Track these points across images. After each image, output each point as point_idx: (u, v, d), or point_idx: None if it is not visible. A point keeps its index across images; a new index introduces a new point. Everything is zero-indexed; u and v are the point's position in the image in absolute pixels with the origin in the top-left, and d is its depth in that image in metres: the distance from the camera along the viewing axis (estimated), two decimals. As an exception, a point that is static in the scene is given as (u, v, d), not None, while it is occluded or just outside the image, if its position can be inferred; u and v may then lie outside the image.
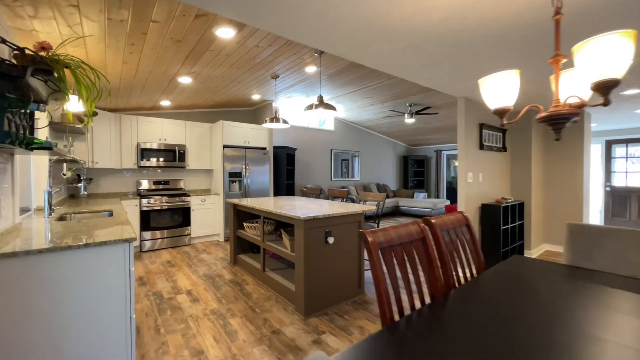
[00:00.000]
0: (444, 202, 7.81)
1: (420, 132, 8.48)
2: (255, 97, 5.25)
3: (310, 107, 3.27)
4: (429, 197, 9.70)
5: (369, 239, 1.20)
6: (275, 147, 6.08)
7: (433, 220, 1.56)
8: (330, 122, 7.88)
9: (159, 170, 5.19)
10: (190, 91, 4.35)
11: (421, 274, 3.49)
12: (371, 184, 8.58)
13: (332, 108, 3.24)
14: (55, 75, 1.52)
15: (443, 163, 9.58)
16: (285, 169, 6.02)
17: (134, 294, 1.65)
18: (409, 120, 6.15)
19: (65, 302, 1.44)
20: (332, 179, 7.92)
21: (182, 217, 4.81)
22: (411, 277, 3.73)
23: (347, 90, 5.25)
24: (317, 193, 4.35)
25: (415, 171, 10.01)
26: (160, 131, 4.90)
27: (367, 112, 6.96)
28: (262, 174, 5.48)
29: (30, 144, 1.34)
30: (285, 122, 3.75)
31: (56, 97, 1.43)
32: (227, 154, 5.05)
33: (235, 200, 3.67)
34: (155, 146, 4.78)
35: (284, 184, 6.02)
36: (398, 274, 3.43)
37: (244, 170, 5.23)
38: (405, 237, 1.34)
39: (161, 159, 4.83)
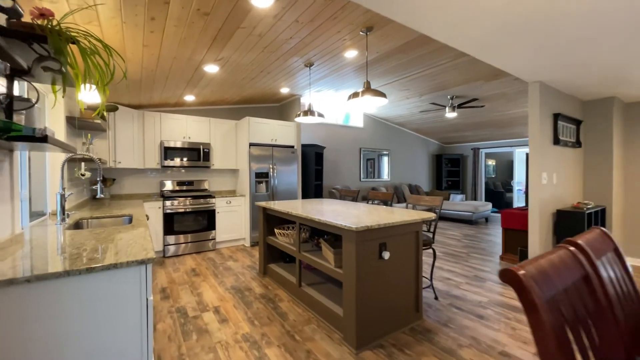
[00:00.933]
0: (486, 205, 7.09)
1: (456, 129, 7.80)
2: (284, 90, 4.85)
3: (355, 95, 2.81)
4: (466, 199, 8.95)
5: (525, 282, 0.71)
6: (303, 146, 5.66)
7: (580, 242, 1.05)
8: (359, 118, 7.38)
9: (183, 170, 4.91)
10: (216, 83, 4.01)
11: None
12: (403, 184, 7.99)
13: (382, 95, 2.76)
14: (53, 49, 1.14)
15: (481, 162, 8.80)
16: (313, 168, 5.59)
17: (152, 331, 1.25)
18: (451, 115, 5.54)
19: (61, 345, 1.06)
20: (362, 180, 7.41)
21: (206, 220, 4.49)
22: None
23: (385, 81, 4.73)
24: (354, 195, 3.88)
25: (449, 171, 9.29)
26: (184, 129, 4.61)
27: (400, 106, 6.39)
28: (290, 174, 5.08)
29: (7, 132, 0.96)
30: (320, 115, 3.31)
31: (47, 65, 1.06)
32: (254, 153, 4.69)
33: (265, 204, 3.26)
34: (179, 145, 4.50)
35: (313, 185, 5.59)
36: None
37: (271, 170, 4.85)
38: (565, 274, 0.84)
39: (185, 159, 4.54)
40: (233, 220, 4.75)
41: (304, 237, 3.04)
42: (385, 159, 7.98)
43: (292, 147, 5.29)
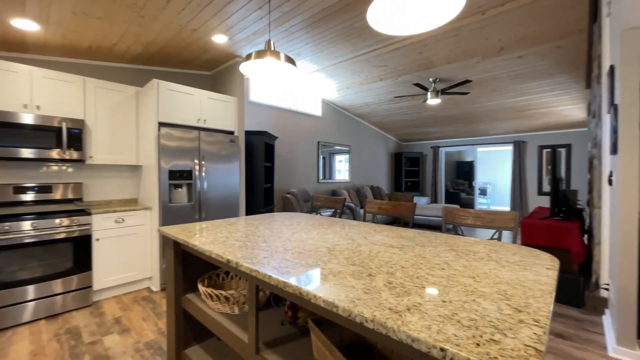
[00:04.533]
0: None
1: (423, 123, 7.00)
2: (219, 39, 3.14)
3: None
4: (428, 201, 8.30)
5: None
6: (248, 133, 4.00)
7: None
8: (317, 104, 5.98)
9: (28, 168, 2.81)
10: None
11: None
12: (364, 186, 6.87)
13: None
14: None
15: (441, 161, 8.26)
16: (262, 165, 3.98)
17: None
18: (433, 101, 4.54)
19: None
20: (320, 181, 6.03)
21: (73, 254, 2.53)
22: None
23: (357, 51, 3.41)
24: (340, 207, 2.43)
25: (409, 171, 8.56)
26: (26, 91, 2.55)
27: (370, 91, 5.20)
28: (228, 174, 3.38)
29: None
30: (290, 61, 1.78)
31: None
32: (167, 141, 2.88)
33: (180, 231, 1.59)
34: (17, 119, 2.44)
35: (261, 189, 3.97)
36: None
37: (196, 167, 3.10)
38: None
39: (30, 145, 2.50)
40: (128, 251, 2.86)
41: (262, 300, 1.48)
42: (345, 157, 6.76)
43: (232, 133, 3.60)
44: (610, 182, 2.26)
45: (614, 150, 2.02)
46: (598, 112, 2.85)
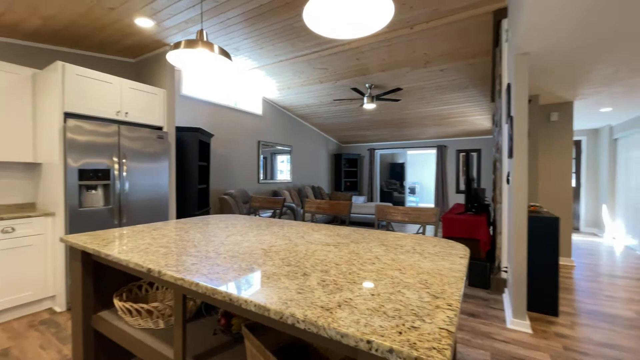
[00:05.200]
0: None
1: (360, 126, 7.37)
2: (142, 23, 2.82)
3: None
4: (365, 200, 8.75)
5: None
6: (179, 129, 3.67)
7: None
8: (258, 103, 5.83)
9: None
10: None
11: None
12: (306, 186, 6.95)
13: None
14: None
15: (376, 163, 8.82)
16: (197, 165, 3.70)
17: None
18: (369, 106, 4.82)
19: None
20: (261, 181, 5.88)
21: (-63, 275, 1.98)
22: None
23: (292, 54, 3.43)
24: (279, 208, 2.38)
25: (348, 171, 8.94)
26: None
27: (311, 92, 5.28)
28: (155, 174, 3.06)
29: None
30: (225, 54, 1.68)
31: None
32: (76, 134, 2.47)
33: (88, 240, 1.36)
34: None
35: (195, 190, 3.69)
36: None
37: (115, 166, 2.72)
38: None
39: None
40: (21, 267, 2.36)
41: (192, 310, 1.37)
42: (287, 157, 6.73)
43: (160, 128, 3.26)
44: (508, 181, 2.69)
45: (511, 154, 2.41)
46: (499, 122, 3.37)
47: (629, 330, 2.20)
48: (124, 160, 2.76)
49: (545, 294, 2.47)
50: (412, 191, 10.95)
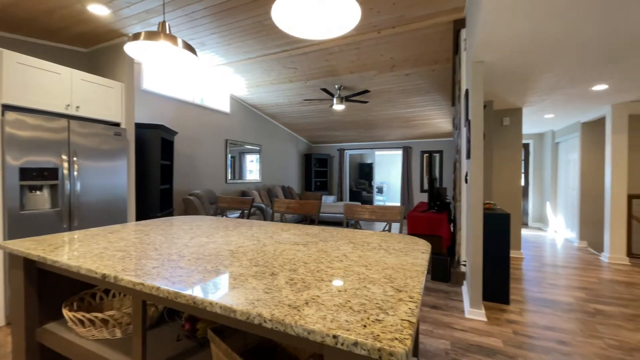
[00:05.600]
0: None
1: (330, 127, 7.45)
2: (95, 9, 2.62)
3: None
4: (335, 200, 8.86)
5: None
6: (140, 126, 3.45)
7: None
8: (226, 101, 5.66)
9: None
10: None
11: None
12: (276, 186, 6.88)
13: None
14: None
15: (346, 163, 8.98)
16: (159, 164, 3.51)
17: None
18: (339, 107, 4.89)
19: None
20: (229, 181, 5.72)
21: None
22: None
23: (261, 52, 3.40)
24: (247, 208, 2.33)
25: (318, 171, 8.99)
26: None
27: (280, 91, 5.24)
28: (112, 173, 2.85)
29: None
30: (190, 49, 1.61)
31: None
32: (17, 129, 2.22)
33: (32, 247, 1.24)
34: None
35: (157, 191, 3.50)
36: None
37: (65, 164, 2.50)
38: None
39: None
40: (-50, 277, 2.07)
41: (153, 317, 1.30)
42: (257, 157, 6.61)
43: (118, 124, 3.05)
44: (466, 180, 2.88)
45: (468, 155, 2.58)
46: (459, 126, 3.59)
47: (568, 314, 2.47)
48: (74, 159, 2.54)
49: (498, 284, 2.68)
50: (380, 190, 11.29)
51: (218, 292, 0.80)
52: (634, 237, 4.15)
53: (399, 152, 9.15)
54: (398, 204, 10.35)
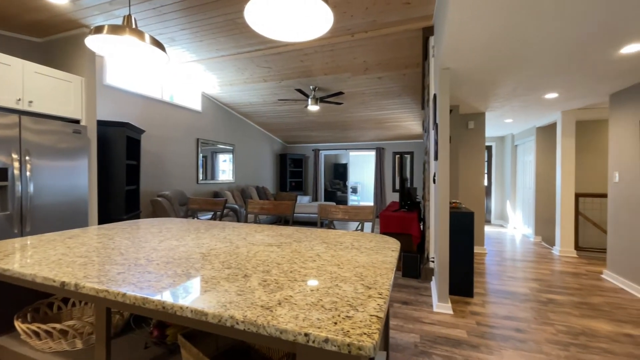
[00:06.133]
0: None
1: (304, 127, 7.47)
2: None
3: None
4: (310, 200, 8.88)
5: None
6: (102, 123, 3.25)
7: None
8: (197, 99, 5.48)
9: None
10: None
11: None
12: (250, 187, 6.77)
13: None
14: None
15: (321, 163, 9.03)
16: (124, 164, 3.32)
17: None
18: (313, 108, 4.92)
19: None
20: (200, 181, 5.55)
21: None
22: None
23: (234, 50, 3.35)
24: (220, 209, 2.28)
25: (293, 172, 8.97)
26: None
27: (254, 90, 5.17)
28: (70, 174, 2.67)
29: None
30: (158, 45, 1.55)
31: None
32: (-43, 122, 2.01)
33: (-23, 255, 1.13)
34: None
35: (122, 192, 3.32)
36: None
37: (15, 164, 2.30)
38: None
39: None
40: None
41: (118, 325, 1.24)
42: (230, 156, 6.47)
43: (77, 122, 2.85)
44: (434, 180, 3.03)
45: (436, 157, 2.71)
46: (428, 128, 3.76)
47: (524, 304, 2.67)
48: (27, 158, 2.34)
49: (463, 278, 2.84)
50: (354, 190, 11.49)
51: (189, 296, 0.79)
52: (581, 232, 4.58)
53: (373, 153, 9.37)
54: (372, 203, 10.59)
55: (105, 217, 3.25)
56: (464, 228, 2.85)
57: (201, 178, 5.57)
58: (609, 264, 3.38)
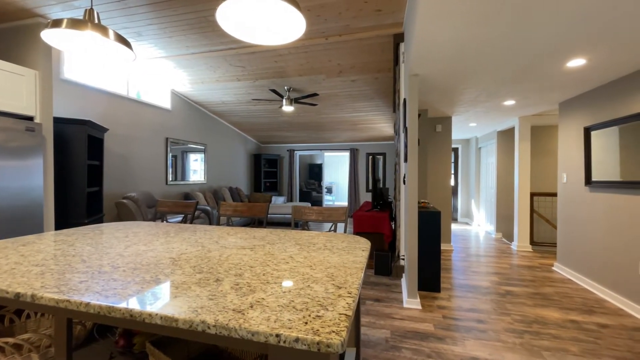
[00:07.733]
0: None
1: (279, 127, 7.43)
2: (2, -10, 2.24)
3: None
4: (285, 200, 8.84)
5: None
6: (59, 120, 3.03)
7: None
8: (166, 97, 5.27)
9: None
10: None
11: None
12: (223, 187, 6.62)
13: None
14: None
15: (296, 163, 9.03)
16: (85, 164, 3.12)
17: None
18: (288, 108, 4.92)
19: None
20: (169, 182, 5.33)
21: None
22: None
23: (206, 47, 3.27)
24: (190, 212, 2.22)
25: (268, 172, 8.88)
26: None
27: (227, 89, 5.07)
28: (22, 175, 2.46)
29: None
30: (123, 42, 1.48)
31: None
32: None
33: None
34: None
35: (84, 194, 3.12)
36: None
37: (-42, 164, 2.08)
38: None
39: None
40: None
41: (80, 336, 1.18)
42: (202, 156, 6.28)
43: (31, 118, 2.64)
44: (404, 181, 3.15)
45: (406, 159, 2.83)
46: (398, 131, 3.91)
47: (486, 296, 2.87)
48: (-29, 158, 2.13)
49: (431, 274, 2.99)
50: (329, 191, 11.60)
51: (158, 302, 0.78)
52: (535, 228, 4.98)
53: (347, 154, 9.52)
54: (346, 203, 10.75)
55: (64, 221, 3.04)
56: (432, 226, 3.00)
57: (171, 179, 5.36)
58: (559, 257, 3.71)
